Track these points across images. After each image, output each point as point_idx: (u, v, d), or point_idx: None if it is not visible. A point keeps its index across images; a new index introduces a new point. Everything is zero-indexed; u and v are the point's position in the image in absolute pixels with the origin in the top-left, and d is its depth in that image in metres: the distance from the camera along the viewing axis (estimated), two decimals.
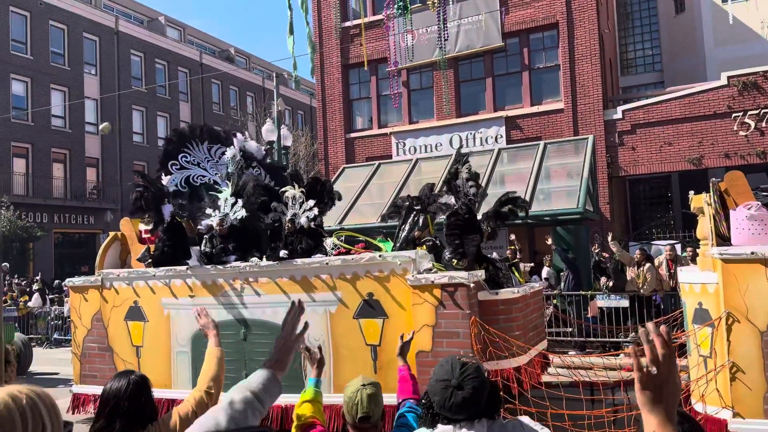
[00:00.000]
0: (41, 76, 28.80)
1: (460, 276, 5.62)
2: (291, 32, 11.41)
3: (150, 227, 7.48)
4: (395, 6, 14.15)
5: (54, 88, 29.48)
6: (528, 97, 16.94)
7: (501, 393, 2.13)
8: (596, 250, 12.07)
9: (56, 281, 19.91)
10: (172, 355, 6.78)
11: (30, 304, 15.52)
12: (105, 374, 7.24)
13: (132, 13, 36.72)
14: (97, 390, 7.17)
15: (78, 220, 29.72)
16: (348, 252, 6.63)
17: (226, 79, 38.35)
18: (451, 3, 16.65)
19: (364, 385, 2.50)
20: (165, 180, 7.36)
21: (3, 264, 13.45)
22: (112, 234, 8.16)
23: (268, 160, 8.66)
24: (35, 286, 16.55)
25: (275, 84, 16.08)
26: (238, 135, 8.04)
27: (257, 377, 1.69)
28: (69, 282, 7.78)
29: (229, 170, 7.57)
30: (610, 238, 11.22)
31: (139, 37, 33.48)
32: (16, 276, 20.70)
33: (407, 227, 7.03)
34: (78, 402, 7.36)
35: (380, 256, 6.13)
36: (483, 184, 8.16)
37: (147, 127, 33.55)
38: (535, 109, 16.66)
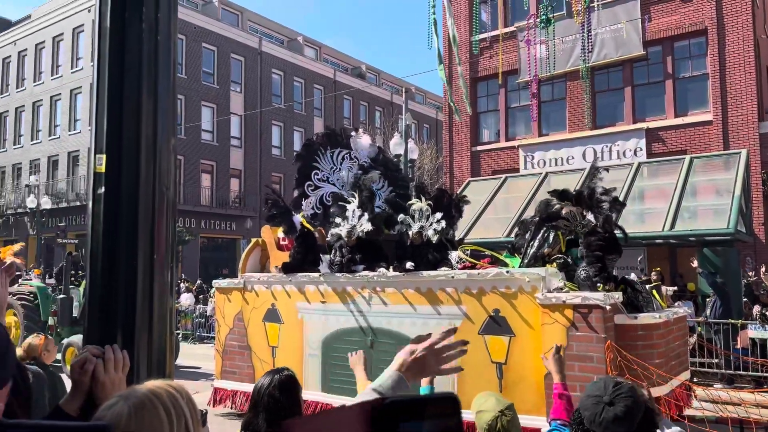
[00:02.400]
0: (193, 93, 31.72)
1: (595, 297, 5.35)
2: (440, 61, 11.76)
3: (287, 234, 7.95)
4: (538, 19, 13.90)
5: (204, 105, 32.32)
6: (672, 108, 15.81)
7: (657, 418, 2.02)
8: (750, 276, 10.93)
9: (198, 282, 21.69)
10: (304, 357, 7.11)
11: (181, 302, 17.04)
12: (243, 371, 7.76)
13: (274, 35, 39.35)
14: (236, 386, 7.70)
15: (221, 227, 32.22)
16: (473, 266, 6.57)
17: (357, 95, 39.80)
18: (595, 11, 16.05)
19: (502, 411, 2.44)
20: (303, 205, 7.77)
21: (74, 253, 14.84)
22: (253, 240, 8.74)
23: (381, 157, 8.90)
24: (186, 286, 18.15)
25: (404, 99, 16.42)
26: (354, 134, 8.38)
27: (388, 379, 1.56)
28: (216, 283, 8.44)
29: (355, 179, 7.88)
30: (764, 270, 10.10)
31: (280, 57, 35.79)
32: None
33: (536, 243, 6.82)
34: (217, 396, 7.92)
35: (507, 271, 6.01)
36: (621, 200, 7.71)
37: (284, 141, 35.70)
38: (679, 120, 15.50)
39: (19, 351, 4.39)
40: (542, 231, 6.81)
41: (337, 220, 7.16)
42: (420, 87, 44.96)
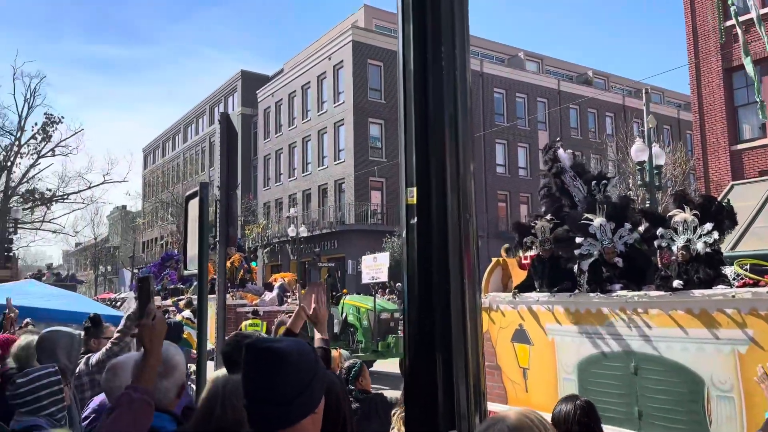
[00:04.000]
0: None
1: None
2: (747, 53, 10.62)
3: (528, 254, 7.81)
4: None
5: None
6: None
7: None
8: None
9: None
10: (559, 381, 6.84)
11: None
12: (493, 391, 7.75)
13: (494, 54, 39.68)
14: (489, 406, 7.72)
15: None
16: (756, 283, 5.68)
17: (585, 103, 37.95)
18: None
19: None
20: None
21: (329, 276, 15.76)
22: (494, 260, 8.77)
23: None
24: None
25: (645, 101, 15.15)
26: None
27: None
28: None
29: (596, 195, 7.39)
30: None
31: (501, 75, 35.92)
32: None
33: None
34: None
35: None
36: None
37: (508, 159, 35.54)
38: None
39: None
40: None
41: (578, 239, 6.78)
42: (656, 86, 41.18)
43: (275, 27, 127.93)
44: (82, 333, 3.59)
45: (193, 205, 3.42)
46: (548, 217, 7.50)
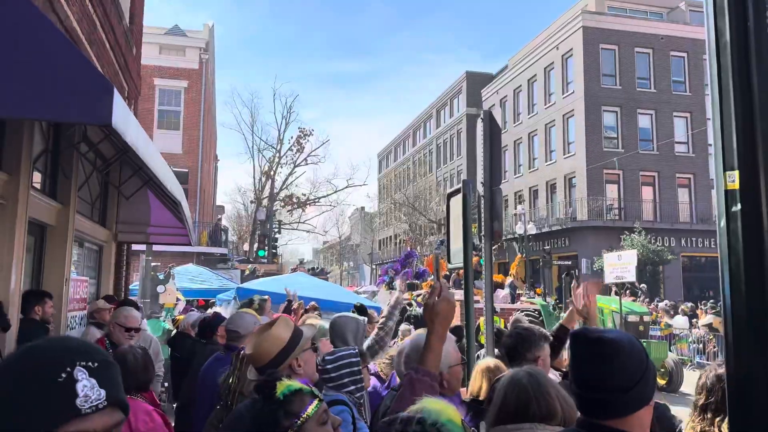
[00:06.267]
0: (664, 106, 30.29)
1: None
2: None
3: None
4: None
5: (677, 116, 30.48)
6: None
7: None
8: None
9: (689, 304, 20.19)
10: None
11: (674, 323, 16.19)
12: None
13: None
14: None
15: (704, 244, 29.47)
16: None
17: None
18: None
19: None
20: None
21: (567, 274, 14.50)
22: None
23: None
24: (682, 309, 17.19)
25: None
26: None
27: None
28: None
29: None
30: None
31: None
32: (657, 298, 22.17)
33: None
34: None
35: None
36: None
37: None
38: None
39: None
40: None
41: None
42: None
43: (499, 24, 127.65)
44: (365, 319, 3.98)
45: (456, 202, 3.55)
46: None
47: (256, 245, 32.44)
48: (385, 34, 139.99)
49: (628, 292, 18.24)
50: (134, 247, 10.39)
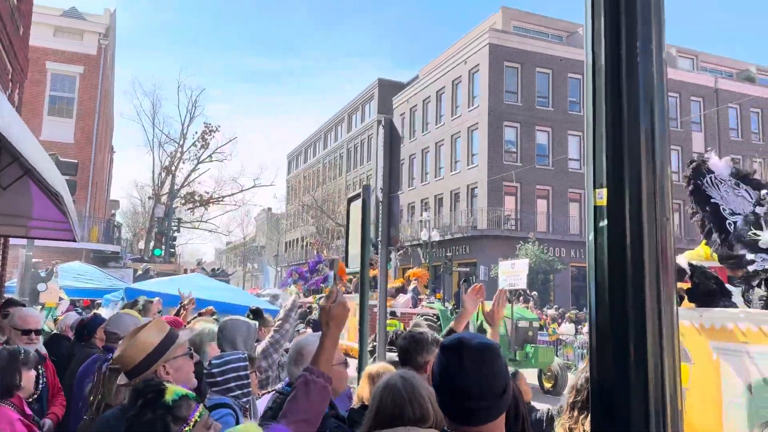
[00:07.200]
0: (560, 124, 32.17)
1: None
2: None
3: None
4: None
5: (571, 134, 32.44)
6: None
7: None
8: None
9: (575, 311, 21.50)
10: (724, 404, 6.24)
11: (561, 330, 17.18)
12: None
13: None
14: None
15: None
16: None
17: (746, 102, 34.34)
18: None
19: None
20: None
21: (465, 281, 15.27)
22: None
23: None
24: (568, 315, 18.25)
25: None
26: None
27: None
28: None
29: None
30: None
31: None
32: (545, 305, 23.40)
33: None
34: None
35: None
36: None
37: None
38: None
39: None
40: None
41: (743, 252, 6.10)
42: None
43: (412, 34, 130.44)
44: (257, 323, 3.89)
45: (355, 207, 3.57)
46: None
47: (152, 243, 30.96)
48: (302, 35, 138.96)
49: (521, 298, 19.16)
50: (13, 241, 9.59)
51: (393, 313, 13.98)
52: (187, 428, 1.62)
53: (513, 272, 12.75)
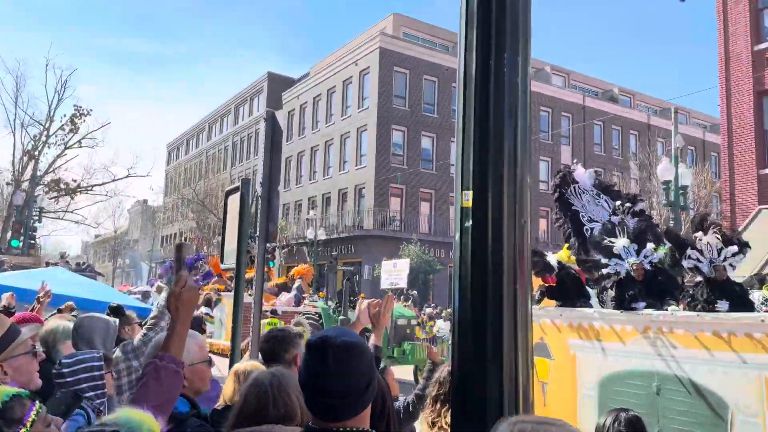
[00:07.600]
0: (444, 131, 33.38)
1: None
2: None
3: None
4: None
5: (453, 141, 33.78)
6: None
7: None
8: None
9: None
10: (578, 397, 6.78)
11: (437, 326, 17.82)
12: None
13: None
14: None
15: None
16: None
17: (609, 120, 37.69)
18: None
19: None
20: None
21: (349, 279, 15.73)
22: None
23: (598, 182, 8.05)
24: (445, 314, 18.95)
25: (673, 120, 15.03)
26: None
27: None
28: None
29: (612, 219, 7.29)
30: None
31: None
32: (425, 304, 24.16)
33: None
34: None
35: None
36: None
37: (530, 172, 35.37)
38: None
39: None
40: None
41: (596, 256, 6.71)
42: (682, 106, 40.75)
43: (303, 30, 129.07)
44: (117, 321, 3.65)
45: (233, 200, 3.47)
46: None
47: (9, 234, 28.10)
48: (187, 20, 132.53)
49: (402, 297, 19.64)
50: None
51: (274, 312, 13.75)
52: (23, 429, 1.50)
53: (395, 271, 13.05)
